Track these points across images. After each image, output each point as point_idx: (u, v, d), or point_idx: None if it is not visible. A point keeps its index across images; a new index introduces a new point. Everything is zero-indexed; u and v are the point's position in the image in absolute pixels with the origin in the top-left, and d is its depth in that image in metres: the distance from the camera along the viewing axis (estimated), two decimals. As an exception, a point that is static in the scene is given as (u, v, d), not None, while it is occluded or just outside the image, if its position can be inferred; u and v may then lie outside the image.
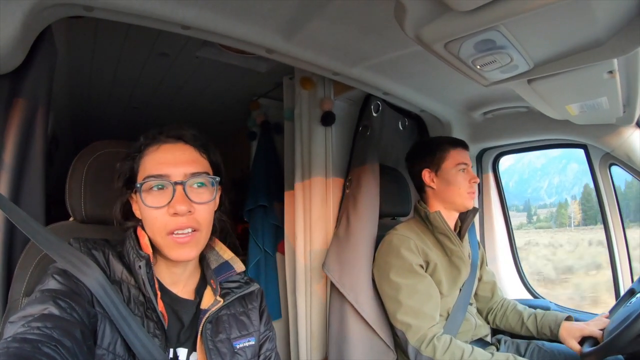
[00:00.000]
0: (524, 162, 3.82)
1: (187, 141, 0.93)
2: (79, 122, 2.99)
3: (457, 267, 1.55)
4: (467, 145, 1.64)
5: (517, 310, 1.69)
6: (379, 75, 1.53)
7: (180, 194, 0.86)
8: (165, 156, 0.89)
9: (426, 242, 1.54)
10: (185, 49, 1.89)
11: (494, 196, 2.20)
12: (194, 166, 0.90)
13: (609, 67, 0.99)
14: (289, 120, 2.05)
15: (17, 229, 0.90)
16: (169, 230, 0.86)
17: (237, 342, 0.97)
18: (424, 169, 1.61)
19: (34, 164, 1.09)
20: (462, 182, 1.56)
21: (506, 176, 2.27)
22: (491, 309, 1.77)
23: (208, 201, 0.90)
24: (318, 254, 1.78)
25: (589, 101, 1.26)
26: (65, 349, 0.63)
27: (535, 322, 1.60)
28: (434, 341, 1.36)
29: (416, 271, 1.46)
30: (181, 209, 0.84)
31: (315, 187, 1.82)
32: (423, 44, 0.84)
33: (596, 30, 0.82)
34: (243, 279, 1.06)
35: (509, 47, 0.84)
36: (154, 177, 0.87)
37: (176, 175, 0.87)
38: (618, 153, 1.63)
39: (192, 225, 0.87)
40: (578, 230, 3.47)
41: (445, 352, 1.33)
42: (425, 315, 1.41)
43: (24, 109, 1.06)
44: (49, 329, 0.65)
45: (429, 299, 1.45)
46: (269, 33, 1.24)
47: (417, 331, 1.39)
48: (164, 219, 0.86)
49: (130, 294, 0.86)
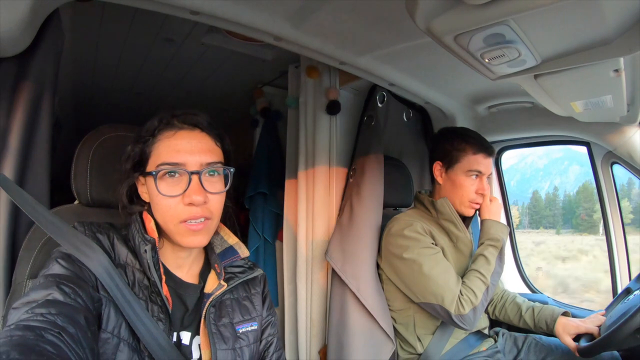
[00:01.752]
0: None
1: (203, 129, 0.92)
2: (82, 107, 2.98)
3: (462, 253, 1.56)
4: (492, 152, 1.57)
5: (516, 303, 1.70)
6: (386, 65, 1.53)
7: (196, 184, 0.86)
8: (181, 143, 0.88)
9: (431, 228, 1.54)
10: (191, 35, 1.88)
11: (495, 190, 2.20)
12: (209, 155, 0.89)
13: (615, 66, 1.00)
14: (292, 108, 2.05)
15: (22, 211, 0.90)
16: (182, 219, 0.86)
17: (240, 326, 0.98)
18: (436, 160, 1.60)
19: (40, 147, 1.10)
20: (468, 189, 1.54)
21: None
22: (491, 301, 1.77)
23: (222, 191, 0.91)
24: (320, 242, 1.79)
25: (594, 99, 1.26)
26: (69, 336, 0.64)
27: (532, 315, 1.61)
28: (461, 296, 1.38)
29: (430, 246, 1.46)
30: (197, 200, 0.85)
31: (319, 175, 1.82)
32: (433, 36, 0.84)
33: (604, 28, 0.83)
34: (247, 264, 1.08)
35: (518, 41, 0.84)
36: (170, 165, 0.86)
37: (192, 165, 0.87)
38: (620, 152, 1.64)
39: (205, 215, 0.88)
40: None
41: (474, 293, 1.38)
42: (451, 281, 1.40)
43: (30, 92, 1.06)
44: (52, 315, 0.65)
45: (448, 267, 1.45)
46: (277, 20, 1.23)
47: (452, 298, 1.37)
48: (178, 207, 0.86)
49: (135, 278, 0.87)
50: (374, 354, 1.54)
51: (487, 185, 1.57)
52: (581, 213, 3.47)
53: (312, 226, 1.82)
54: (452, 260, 1.52)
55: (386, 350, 1.55)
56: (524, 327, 1.65)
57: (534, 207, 3.71)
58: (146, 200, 0.93)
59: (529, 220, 3.79)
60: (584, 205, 3.45)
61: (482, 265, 1.44)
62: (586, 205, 3.43)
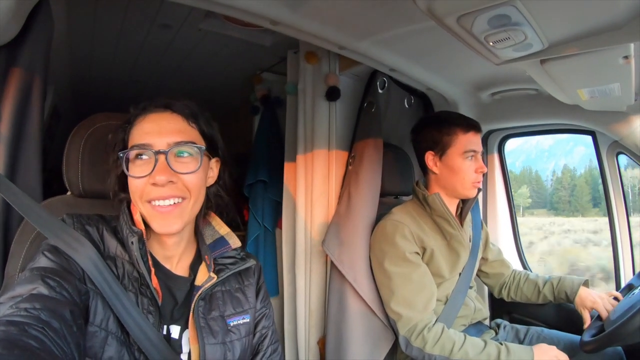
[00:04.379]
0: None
1: (175, 110, 0.90)
2: (80, 96, 2.97)
3: (456, 251, 1.53)
4: (480, 128, 1.53)
5: (531, 280, 1.69)
6: (386, 50, 1.48)
7: (161, 164, 0.84)
8: (150, 125, 0.87)
9: (423, 228, 1.50)
10: (188, 20, 1.85)
11: (498, 178, 2.18)
12: (179, 135, 0.87)
13: (625, 52, 0.97)
14: (291, 95, 2.02)
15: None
16: (147, 199, 0.84)
17: (231, 319, 0.97)
18: (427, 151, 1.54)
19: (31, 136, 1.08)
20: (468, 171, 1.48)
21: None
22: (504, 284, 1.76)
23: (193, 171, 0.88)
24: (319, 230, 1.77)
25: (602, 86, 1.23)
26: (53, 331, 0.63)
27: (552, 288, 1.60)
28: (424, 332, 1.34)
29: (410, 260, 1.43)
30: (160, 179, 0.82)
31: (318, 161, 1.79)
32: (435, 17, 0.81)
33: (616, 12, 0.79)
34: (239, 255, 1.04)
35: (524, 24, 0.81)
36: (137, 147, 0.85)
37: (159, 145, 0.85)
38: (626, 142, 1.60)
39: (176, 194, 0.85)
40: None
41: (435, 345, 1.32)
42: (417, 305, 1.39)
43: (20, 81, 1.05)
44: (36, 310, 0.64)
45: (422, 288, 1.42)
46: (274, 3, 1.19)
47: (407, 322, 1.38)
48: (146, 188, 0.84)
49: (125, 270, 0.86)
50: (373, 345, 1.53)
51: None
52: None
53: (310, 213, 1.79)
54: (444, 260, 1.50)
55: (386, 340, 1.54)
56: (543, 301, 1.65)
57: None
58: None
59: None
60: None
61: (488, 351, 1.32)
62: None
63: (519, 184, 3.52)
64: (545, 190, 3.76)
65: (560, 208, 3.68)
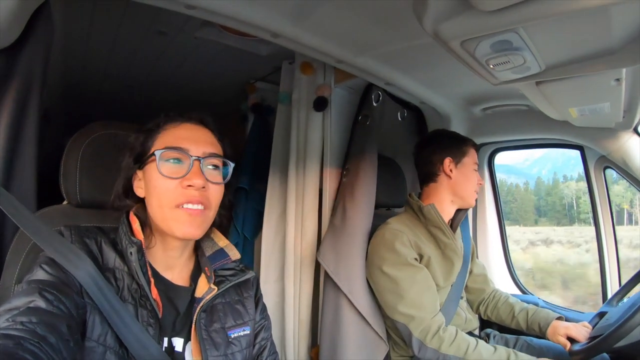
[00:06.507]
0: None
1: (207, 126, 0.95)
2: (71, 99, 2.90)
3: (450, 260, 1.56)
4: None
5: (509, 303, 1.71)
6: (383, 65, 1.51)
7: (197, 169, 0.86)
8: (186, 132, 0.91)
9: (419, 236, 1.53)
10: (184, 28, 1.84)
11: (487, 192, 2.21)
12: (213, 147, 0.91)
13: (617, 75, 1.01)
14: (283, 104, 2.02)
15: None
16: (178, 203, 0.85)
17: (232, 331, 0.96)
18: (446, 157, 1.60)
19: (27, 145, 1.05)
20: (474, 180, 1.60)
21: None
22: (483, 300, 1.79)
23: (220, 182, 0.92)
24: (309, 242, 1.77)
25: (592, 105, 1.27)
26: (49, 346, 0.62)
27: (526, 317, 1.62)
28: (440, 332, 1.36)
29: (412, 264, 1.46)
30: (197, 182, 0.85)
31: (310, 172, 1.79)
32: (440, 39, 0.83)
33: (610, 38, 0.83)
34: (238, 267, 1.05)
35: (525, 49, 0.84)
36: (173, 149, 0.87)
37: (195, 151, 0.88)
38: (614, 157, 1.65)
39: (203, 202, 0.87)
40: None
41: (451, 345, 1.34)
42: (427, 306, 1.41)
43: (17, 87, 1.02)
44: (33, 324, 0.63)
45: (428, 289, 1.45)
46: (276, 17, 1.20)
47: (420, 322, 1.39)
48: (176, 191, 0.85)
49: (124, 282, 0.85)
50: (367, 355, 1.54)
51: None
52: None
53: (301, 226, 1.79)
54: (439, 268, 1.53)
55: (379, 352, 1.55)
56: (516, 327, 1.66)
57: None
58: (140, 196, 0.91)
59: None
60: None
61: (499, 354, 1.34)
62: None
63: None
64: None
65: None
